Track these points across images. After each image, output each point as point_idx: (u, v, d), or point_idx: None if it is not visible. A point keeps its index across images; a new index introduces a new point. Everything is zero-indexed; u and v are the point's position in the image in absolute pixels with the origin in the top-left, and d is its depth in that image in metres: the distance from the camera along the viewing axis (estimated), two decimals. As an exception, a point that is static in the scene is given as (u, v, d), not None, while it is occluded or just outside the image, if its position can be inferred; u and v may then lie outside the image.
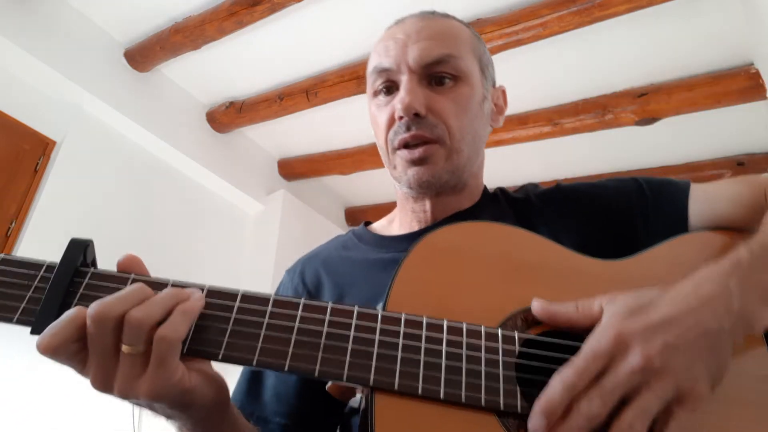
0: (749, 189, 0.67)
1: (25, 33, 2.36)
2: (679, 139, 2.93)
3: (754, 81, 2.38)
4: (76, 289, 0.48)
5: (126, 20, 2.65)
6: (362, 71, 2.65)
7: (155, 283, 0.49)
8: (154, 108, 2.89)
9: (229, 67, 2.88)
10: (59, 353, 0.43)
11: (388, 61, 0.71)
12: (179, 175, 3.09)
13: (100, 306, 0.43)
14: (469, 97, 0.71)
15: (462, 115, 0.70)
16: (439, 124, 0.69)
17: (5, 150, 2.31)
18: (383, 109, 0.73)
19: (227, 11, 2.39)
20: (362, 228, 0.84)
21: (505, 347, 0.49)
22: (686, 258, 0.60)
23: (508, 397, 0.46)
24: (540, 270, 0.56)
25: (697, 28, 2.29)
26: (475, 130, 0.73)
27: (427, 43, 0.70)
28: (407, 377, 0.47)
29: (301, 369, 0.46)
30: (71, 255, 0.49)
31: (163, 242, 2.85)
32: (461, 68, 0.71)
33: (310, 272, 0.77)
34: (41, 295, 0.47)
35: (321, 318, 0.49)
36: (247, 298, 0.49)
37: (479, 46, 0.76)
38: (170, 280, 0.49)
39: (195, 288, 0.48)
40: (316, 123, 3.20)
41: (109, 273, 0.50)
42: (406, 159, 0.70)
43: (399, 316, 0.50)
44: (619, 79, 2.63)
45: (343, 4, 2.40)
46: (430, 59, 0.69)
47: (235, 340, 0.47)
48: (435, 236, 0.57)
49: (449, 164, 0.70)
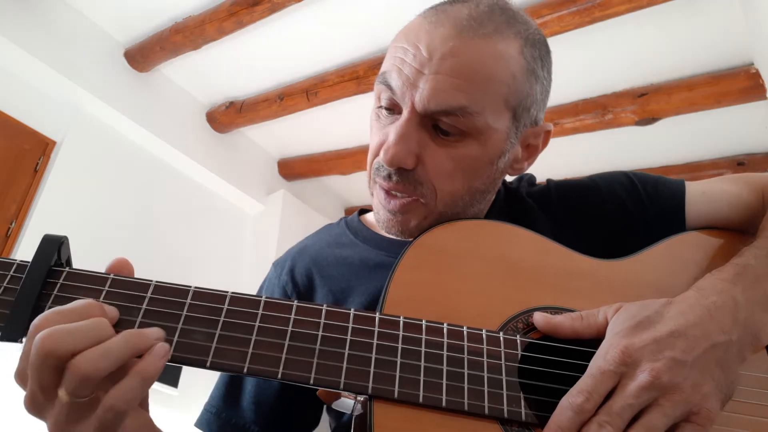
0: (747, 190, 0.66)
1: (25, 33, 2.36)
2: (679, 139, 2.93)
3: (754, 81, 2.37)
4: (50, 291, 0.44)
5: (126, 20, 2.65)
6: (362, 71, 2.65)
7: (137, 283, 0.46)
8: (154, 108, 2.89)
9: (229, 67, 2.88)
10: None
11: (395, 83, 0.58)
12: (179, 175, 3.09)
13: (47, 337, 0.38)
14: (476, 158, 0.59)
15: (458, 177, 0.59)
16: (425, 183, 0.58)
17: (5, 150, 2.31)
18: (378, 128, 0.62)
19: (227, 11, 2.39)
20: (357, 221, 0.75)
21: (507, 351, 0.48)
22: (685, 258, 0.60)
23: (512, 404, 0.45)
24: (538, 270, 0.55)
25: (697, 28, 2.29)
26: (476, 188, 0.62)
27: (446, 81, 0.55)
28: (408, 384, 0.44)
29: (296, 377, 0.43)
30: (44, 253, 0.45)
31: (163, 242, 2.85)
32: (476, 126, 0.57)
33: (301, 270, 0.71)
34: (11, 297, 0.43)
35: (316, 321, 0.46)
36: (237, 300, 0.46)
37: (526, 84, 0.60)
38: (153, 282, 0.46)
39: (157, 333, 0.43)
40: (316, 123, 3.20)
41: (85, 272, 0.46)
42: (381, 202, 0.61)
43: (397, 319, 0.47)
44: (619, 79, 2.63)
45: (344, 4, 2.39)
46: (438, 107, 0.56)
47: (224, 345, 0.44)
48: (429, 237, 0.55)
49: (426, 222, 0.61)
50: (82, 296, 0.44)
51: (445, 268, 0.53)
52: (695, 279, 0.53)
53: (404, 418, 0.44)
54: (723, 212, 0.65)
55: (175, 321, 0.44)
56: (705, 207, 0.65)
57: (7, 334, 0.42)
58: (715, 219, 0.65)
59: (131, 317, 0.44)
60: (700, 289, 0.51)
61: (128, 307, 0.44)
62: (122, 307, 0.44)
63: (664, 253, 0.60)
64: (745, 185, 0.67)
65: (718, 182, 0.69)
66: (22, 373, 0.40)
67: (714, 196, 0.66)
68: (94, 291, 0.45)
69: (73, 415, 0.39)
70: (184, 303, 0.45)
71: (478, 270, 0.54)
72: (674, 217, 0.65)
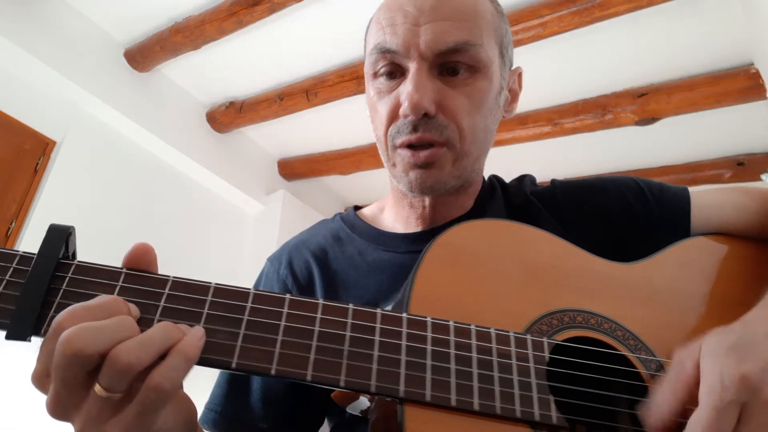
0: (749, 198, 0.66)
1: (25, 33, 2.36)
2: (679, 139, 2.93)
3: (754, 81, 2.37)
4: (59, 285, 0.41)
5: (126, 20, 2.65)
6: (362, 71, 2.65)
7: (154, 279, 0.43)
8: (154, 108, 2.89)
9: (229, 67, 2.88)
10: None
11: (395, 42, 0.60)
12: (179, 175, 3.09)
13: (75, 336, 0.36)
14: (486, 91, 0.62)
15: (475, 112, 0.61)
16: (449, 125, 0.60)
17: (5, 150, 2.31)
18: (385, 97, 0.63)
19: (227, 11, 2.39)
20: (353, 216, 0.75)
21: (535, 354, 0.47)
22: (699, 263, 0.60)
23: (543, 408, 0.44)
24: (557, 272, 0.54)
25: (697, 28, 2.29)
26: (488, 126, 0.65)
27: (444, 24, 0.59)
28: (439, 387, 0.43)
29: (325, 379, 0.41)
30: (52, 244, 0.41)
31: (163, 242, 2.84)
32: (481, 58, 0.60)
33: (300, 263, 0.70)
34: (16, 292, 0.40)
35: (343, 321, 0.44)
36: (261, 298, 0.44)
37: (501, 24, 0.66)
38: (171, 277, 0.44)
39: (195, 328, 0.41)
40: (316, 123, 3.20)
41: (97, 266, 0.43)
42: (409, 161, 0.61)
43: (425, 320, 0.46)
44: (619, 79, 2.63)
45: (344, 4, 2.39)
46: (446, 46, 0.58)
47: (249, 345, 0.41)
48: (450, 236, 0.54)
49: (456, 168, 0.63)
50: (94, 291, 0.41)
51: (467, 267, 0.52)
52: (710, 284, 0.53)
53: (436, 422, 0.42)
54: (730, 218, 0.65)
55: (196, 319, 0.42)
56: (714, 213, 0.66)
57: (14, 332, 0.38)
58: (724, 225, 0.65)
59: (149, 315, 0.42)
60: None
61: (145, 304, 0.42)
62: (139, 303, 0.42)
63: (676, 257, 0.60)
64: (746, 194, 0.67)
65: (719, 191, 0.69)
66: (41, 375, 0.38)
67: (719, 203, 0.66)
68: (107, 286, 0.42)
69: (108, 411, 0.37)
70: (204, 300, 0.43)
71: (500, 270, 0.53)
72: (680, 222, 0.65)
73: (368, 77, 0.66)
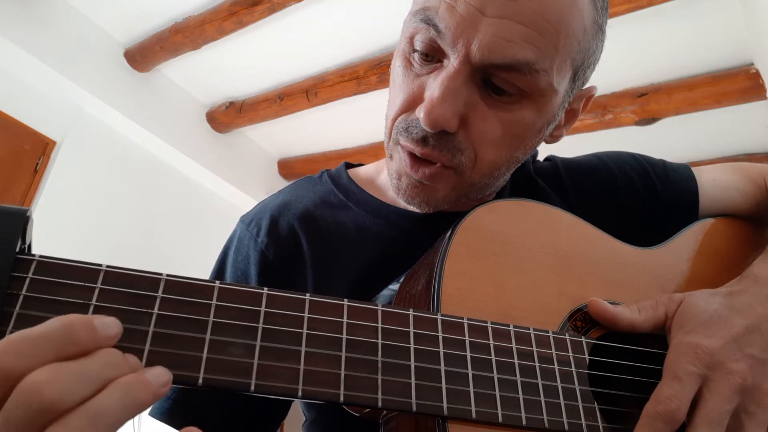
0: (748, 178, 0.65)
1: (25, 33, 2.36)
2: (679, 139, 2.93)
3: (754, 81, 2.37)
4: (17, 290, 0.30)
5: (126, 20, 2.65)
6: (362, 71, 2.65)
7: (143, 278, 0.34)
8: (154, 108, 2.89)
9: (229, 67, 2.88)
10: None
11: (446, 23, 0.46)
12: (179, 175, 3.10)
13: (47, 385, 0.26)
14: (529, 124, 0.51)
15: (504, 145, 0.51)
16: (466, 150, 0.50)
17: (5, 150, 2.31)
18: (408, 78, 0.51)
19: (227, 11, 2.39)
20: (347, 178, 0.64)
21: (576, 356, 0.43)
22: (714, 246, 0.59)
23: (589, 418, 0.40)
24: (585, 259, 0.51)
25: (697, 28, 2.29)
26: (516, 159, 0.54)
27: (513, 28, 0.45)
28: (484, 401, 0.37)
29: (361, 399, 0.34)
30: (6, 234, 0.30)
31: (163, 242, 2.85)
32: (538, 86, 0.48)
33: (284, 229, 0.59)
34: None
35: (373, 326, 0.37)
36: (275, 299, 0.36)
37: (592, 42, 0.52)
38: (163, 275, 0.35)
39: (156, 370, 0.30)
40: (316, 123, 3.19)
41: (66, 263, 0.32)
42: (405, 169, 0.52)
43: (461, 321, 0.40)
44: (619, 79, 2.63)
45: (344, 4, 2.39)
46: (501, 60, 0.45)
47: (269, 362, 0.33)
48: (474, 219, 0.48)
49: (455, 193, 0.53)
50: (66, 297, 0.31)
51: (495, 256, 0.47)
52: (726, 268, 0.52)
53: None
54: (735, 201, 0.64)
55: (200, 330, 0.33)
56: (717, 194, 0.64)
57: None
58: (727, 207, 0.64)
59: (140, 326, 0.32)
60: (758, 277, 0.48)
61: (134, 312, 0.32)
62: (125, 312, 0.32)
63: (693, 241, 0.58)
64: (745, 174, 0.66)
65: (720, 170, 0.67)
66: None
67: (724, 184, 0.65)
68: (82, 289, 0.32)
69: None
70: (209, 305, 0.34)
71: (528, 258, 0.48)
72: (689, 205, 0.63)
73: (404, 37, 0.52)
